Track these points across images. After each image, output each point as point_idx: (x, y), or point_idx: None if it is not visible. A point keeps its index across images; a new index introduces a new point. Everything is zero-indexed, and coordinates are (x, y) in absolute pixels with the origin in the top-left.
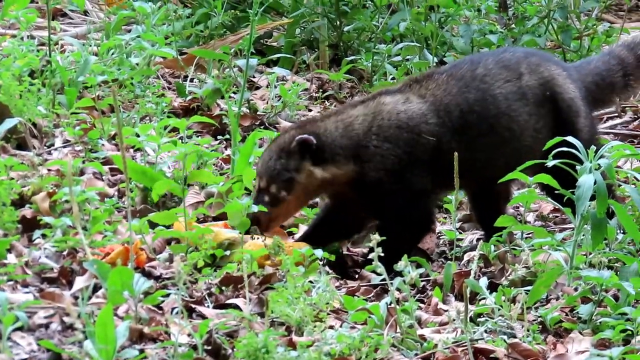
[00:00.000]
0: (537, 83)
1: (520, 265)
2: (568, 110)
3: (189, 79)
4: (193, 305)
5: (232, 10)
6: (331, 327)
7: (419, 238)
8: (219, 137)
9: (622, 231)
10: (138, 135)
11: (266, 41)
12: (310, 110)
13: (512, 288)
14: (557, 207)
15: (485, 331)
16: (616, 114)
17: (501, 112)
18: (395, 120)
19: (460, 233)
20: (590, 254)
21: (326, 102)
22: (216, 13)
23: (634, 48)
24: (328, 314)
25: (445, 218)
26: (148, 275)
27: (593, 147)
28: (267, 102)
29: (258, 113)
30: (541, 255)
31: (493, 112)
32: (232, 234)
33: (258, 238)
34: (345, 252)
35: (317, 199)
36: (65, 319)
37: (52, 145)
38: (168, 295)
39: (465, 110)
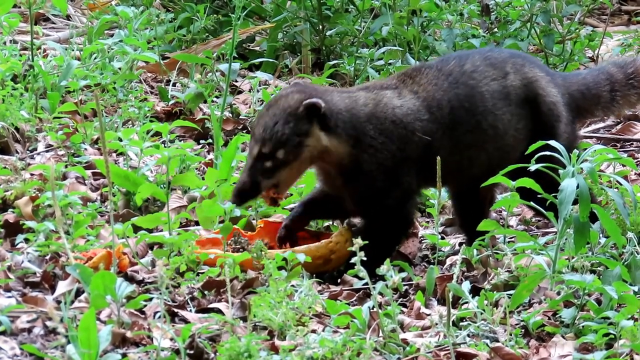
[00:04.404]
0: (520, 83)
1: (503, 269)
2: (549, 113)
3: (171, 83)
4: (175, 310)
5: (215, 15)
6: (314, 331)
7: (400, 239)
8: (201, 141)
9: (604, 235)
10: (120, 140)
11: (248, 45)
12: None
13: (495, 292)
14: (539, 211)
15: (468, 335)
16: (599, 118)
17: (487, 110)
18: (391, 115)
19: (443, 238)
20: (573, 258)
21: None
22: (199, 17)
23: (625, 67)
24: (310, 318)
25: (427, 222)
26: (130, 279)
27: (575, 151)
28: (250, 107)
29: (240, 117)
30: (524, 259)
31: (480, 108)
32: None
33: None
34: None
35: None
36: (48, 323)
37: (35, 149)
38: (150, 299)
39: (455, 106)
